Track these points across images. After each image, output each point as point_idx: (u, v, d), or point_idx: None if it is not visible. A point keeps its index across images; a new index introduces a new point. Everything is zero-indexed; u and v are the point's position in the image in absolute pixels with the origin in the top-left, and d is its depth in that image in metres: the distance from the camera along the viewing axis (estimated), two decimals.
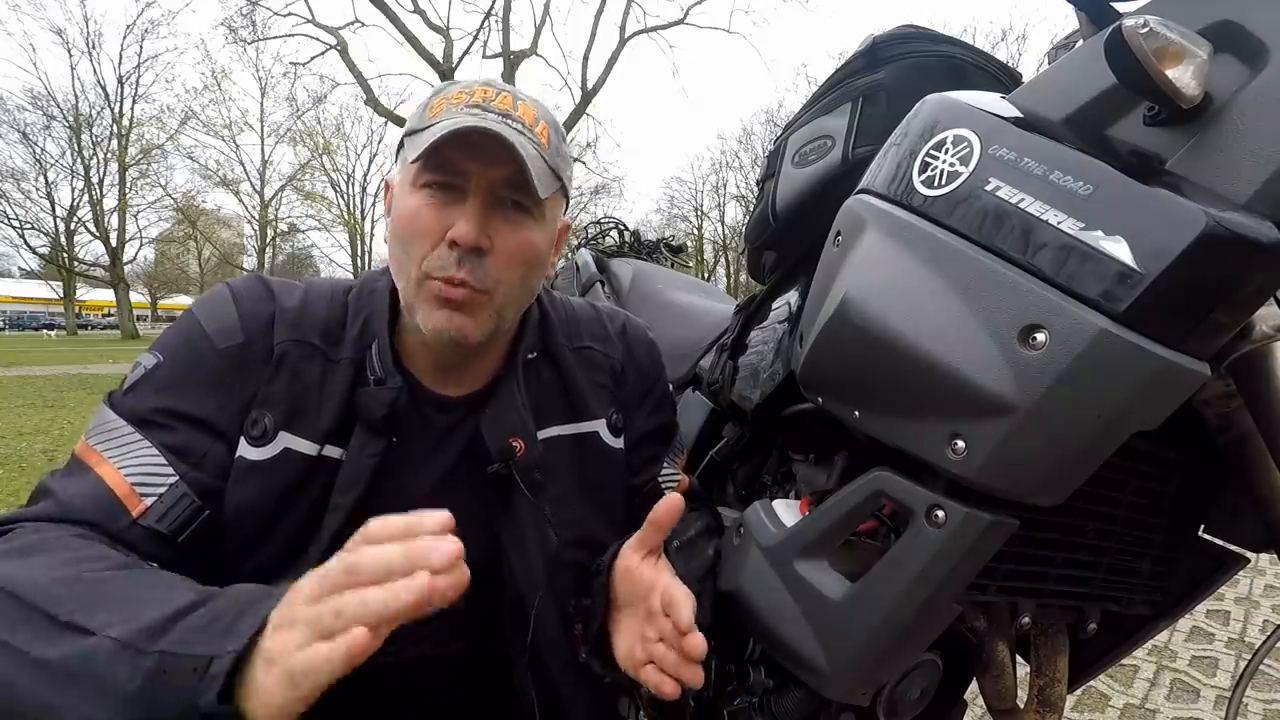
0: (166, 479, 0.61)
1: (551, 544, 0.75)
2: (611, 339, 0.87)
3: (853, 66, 0.87)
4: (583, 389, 0.82)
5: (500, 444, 0.72)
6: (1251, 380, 0.58)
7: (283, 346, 0.68)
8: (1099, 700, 1.87)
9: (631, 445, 0.86)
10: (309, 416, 0.67)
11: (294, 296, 0.72)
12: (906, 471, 0.60)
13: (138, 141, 27.90)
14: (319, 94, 24.90)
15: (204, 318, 0.68)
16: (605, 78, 18.13)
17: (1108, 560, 0.75)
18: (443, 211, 0.67)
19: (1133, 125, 0.54)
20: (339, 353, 0.70)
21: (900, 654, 0.65)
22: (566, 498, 0.78)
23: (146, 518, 0.60)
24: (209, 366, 0.66)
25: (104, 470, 0.61)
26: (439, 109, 0.68)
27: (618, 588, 0.71)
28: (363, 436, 0.68)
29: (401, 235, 0.68)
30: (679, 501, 0.65)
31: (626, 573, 0.69)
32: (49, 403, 7.08)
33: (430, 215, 0.67)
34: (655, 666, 0.63)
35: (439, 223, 0.66)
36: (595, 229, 1.81)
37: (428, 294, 0.67)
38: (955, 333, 0.53)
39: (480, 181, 0.66)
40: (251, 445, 0.65)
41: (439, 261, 0.66)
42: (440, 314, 0.67)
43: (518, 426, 0.74)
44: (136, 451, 0.62)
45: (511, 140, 0.64)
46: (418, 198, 0.67)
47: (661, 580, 0.65)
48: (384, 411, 0.68)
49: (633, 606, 0.69)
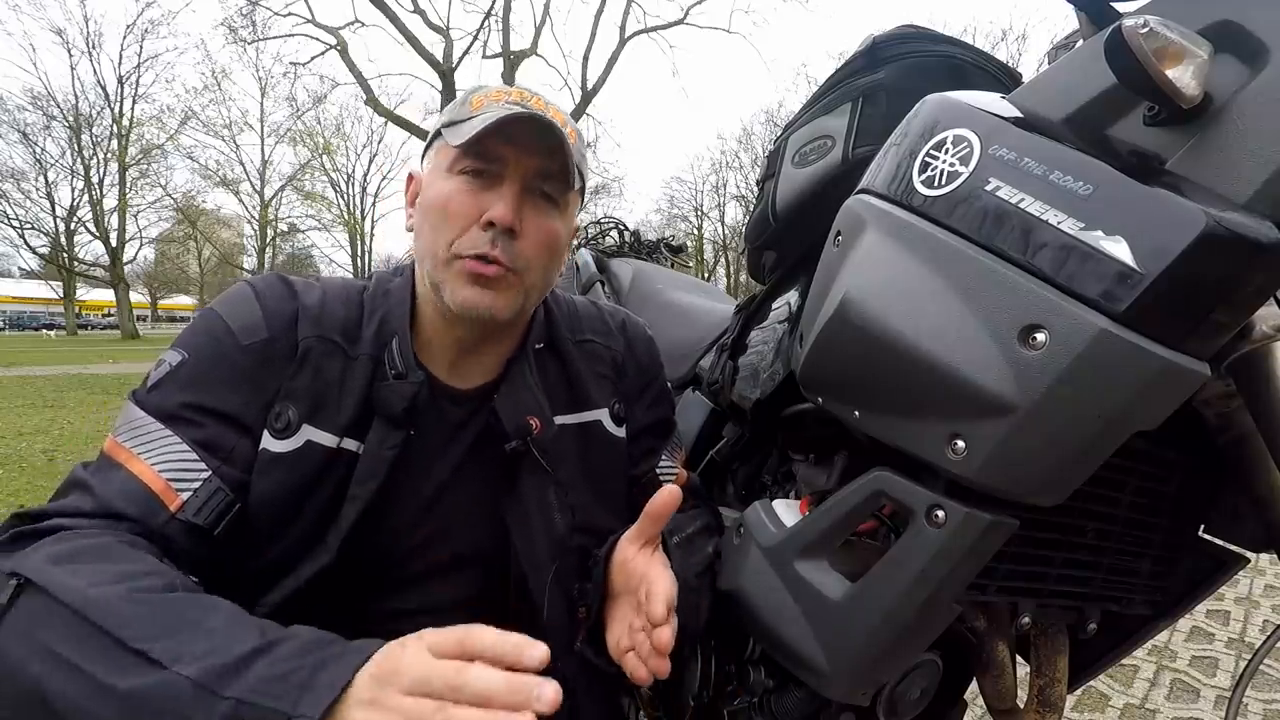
0: (200, 474, 0.63)
1: (557, 527, 0.76)
2: (613, 333, 0.90)
3: (853, 66, 0.87)
4: (586, 380, 0.84)
5: (517, 422, 0.74)
6: (1251, 380, 0.58)
7: (307, 342, 0.69)
8: (1099, 700, 1.87)
9: (633, 436, 0.88)
10: (329, 410, 0.69)
11: (314, 294, 0.74)
12: (906, 471, 0.60)
13: (138, 141, 27.92)
14: (319, 94, 24.89)
15: (228, 315, 0.69)
16: (605, 78, 18.13)
17: (1108, 560, 0.75)
18: (479, 196, 0.70)
19: (1133, 125, 0.54)
20: (357, 349, 0.72)
21: (900, 654, 0.65)
22: (572, 484, 0.79)
23: (184, 512, 0.61)
24: (234, 362, 0.67)
25: (137, 467, 0.62)
26: (480, 104, 0.72)
27: (614, 578, 0.72)
28: (381, 430, 0.70)
29: (434, 217, 0.71)
30: (676, 492, 0.67)
31: (622, 563, 0.71)
32: (49, 403, 7.08)
33: (466, 198, 0.70)
34: (635, 655, 0.65)
35: (475, 206, 0.70)
36: (595, 229, 1.81)
37: (458, 271, 0.70)
38: (955, 333, 0.53)
39: (517, 169, 0.71)
40: (275, 438, 0.67)
41: (471, 241, 0.70)
42: (471, 290, 0.70)
43: (533, 406, 0.76)
44: (168, 447, 0.63)
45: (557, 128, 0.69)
46: (454, 182, 0.71)
47: (652, 571, 0.67)
48: (405, 405, 0.69)
49: (626, 596, 0.70)
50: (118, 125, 27.43)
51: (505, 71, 16.98)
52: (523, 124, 0.69)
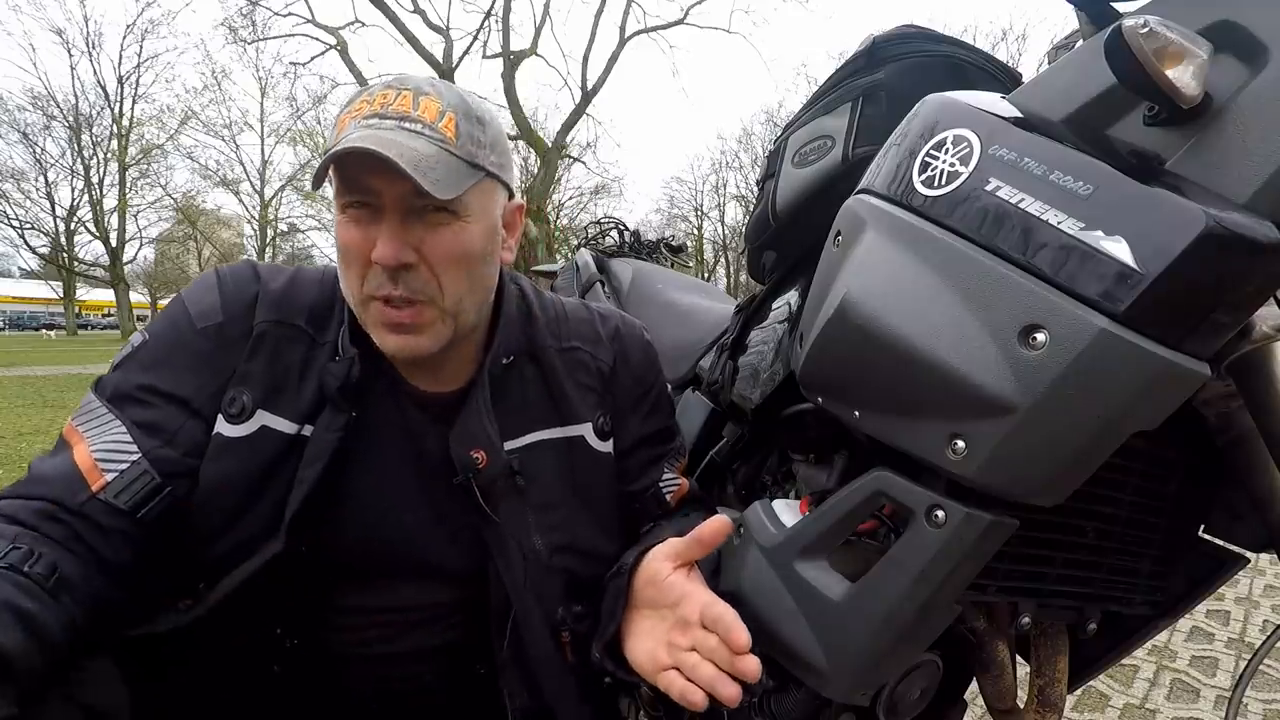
0: (129, 456, 0.63)
1: (534, 550, 0.74)
2: (602, 342, 0.86)
3: (853, 66, 0.87)
4: (568, 392, 0.81)
5: (462, 457, 0.72)
6: (1251, 380, 0.58)
7: (261, 326, 0.69)
8: (1099, 700, 1.87)
9: (627, 450, 0.86)
10: (288, 396, 0.69)
11: (280, 280, 0.73)
12: (906, 471, 0.60)
13: (138, 141, 27.94)
14: (319, 94, 24.90)
15: (189, 300, 0.71)
16: (605, 78, 18.14)
17: (1108, 560, 0.75)
18: (366, 231, 0.66)
19: (1133, 125, 0.54)
20: (325, 336, 0.72)
21: (900, 654, 0.65)
22: (554, 503, 0.77)
23: (105, 492, 0.62)
24: (189, 346, 0.68)
25: (78, 448, 0.64)
26: (344, 124, 0.66)
27: (641, 592, 0.70)
28: (329, 414, 0.69)
29: (340, 261, 0.69)
30: (727, 524, 0.65)
31: (653, 578, 0.68)
32: (49, 403, 7.08)
33: (356, 238, 0.66)
34: (680, 674, 0.62)
35: (365, 244, 0.66)
36: (595, 229, 1.81)
37: (375, 317, 0.68)
38: (955, 333, 0.53)
39: (390, 197, 0.65)
40: (229, 423, 0.67)
41: (375, 282, 0.66)
42: (392, 338, 0.68)
43: (480, 438, 0.73)
44: (106, 429, 0.64)
45: (394, 155, 0.60)
46: (343, 221, 0.67)
47: (700, 594, 0.65)
48: (338, 384, 0.68)
49: (655, 611, 0.68)
50: (118, 125, 27.44)
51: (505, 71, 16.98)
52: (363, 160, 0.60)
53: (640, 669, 0.67)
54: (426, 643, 0.75)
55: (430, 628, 0.76)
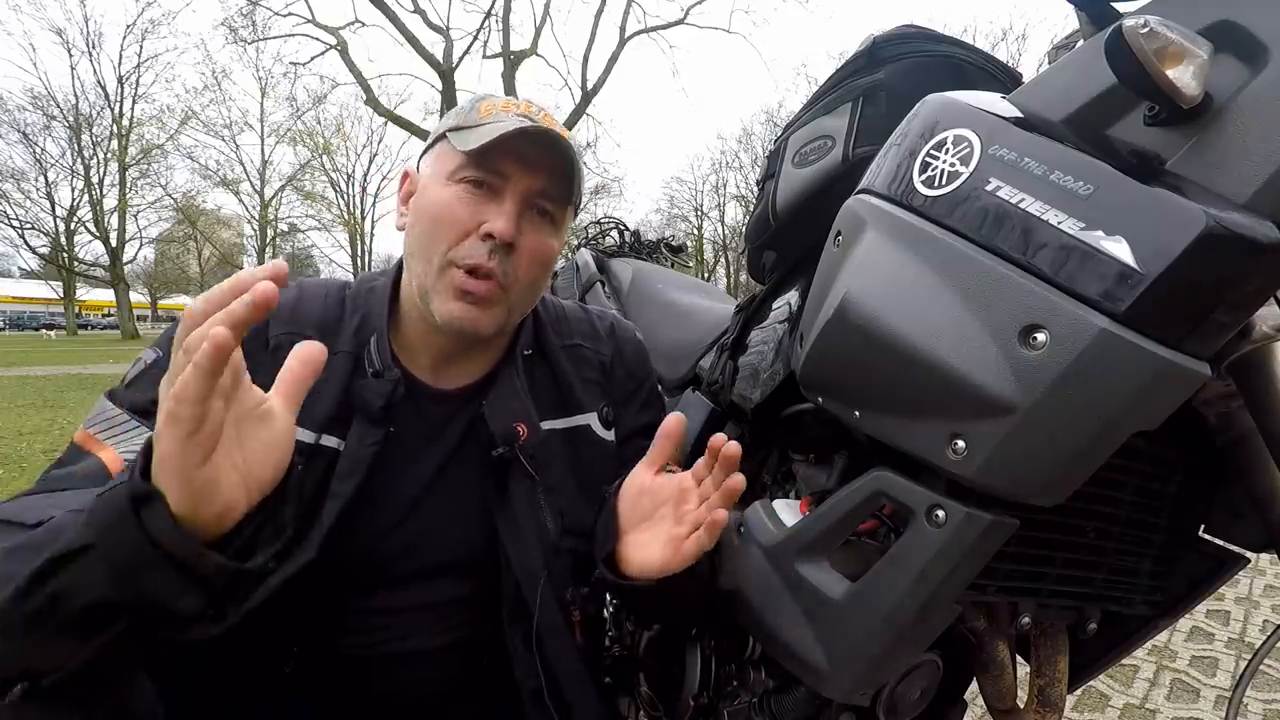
0: None
1: (549, 532, 0.76)
2: (601, 337, 0.90)
3: (853, 66, 0.87)
4: (574, 384, 0.84)
5: (505, 428, 0.75)
6: (1251, 380, 0.58)
7: (277, 339, 0.70)
8: (1099, 700, 1.87)
9: (623, 440, 0.88)
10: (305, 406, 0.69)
11: (289, 294, 0.74)
12: (906, 471, 0.60)
13: (138, 141, 27.94)
14: (319, 94, 24.96)
15: None
16: (605, 78, 18.14)
17: (1108, 560, 0.75)
18: (478, 206, 0.71)
19: (1133, 125, 0.54)
20: (336, 346, 0.72)
21: (900, 654, 0.65)
22: (562, 488, 0.79)
23: None
24: None
25: (106, 454, 0.63)
26: (489, 111, 0.72)
27: (633, 509, 0.71)
28: (361, 427, 0.70)
29: (430, 223, 0.71)
30: (681, 419, 0.69)
31: (640, 490, 0.70)
32: (49, 403, 7.08)
33: (466, 208, 0.71)
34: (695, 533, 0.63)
35: (474, 217, 0.71)
36: (595, 229, 1.81)
37: (449, 282, 0.71)
38: (955, 333, 0.53)
39: (519, 186, 0.72)
40: None
41: (468, 251, 0.70)
42: (457, 305, 0.70)
43: (520, 412, 0.77)
44: (136, 438, 0.64)
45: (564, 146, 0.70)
46: (454, 190, 0.71)
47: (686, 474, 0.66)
48: (381, 403, 0.70)
49: (649, 522, 0.70)
50: (118, 125, 27.47)
51: (505, 71, 16.99)
52: (532, 138, 0.69)
53: (648, 573, 0.67)
54: (436, 641, 0.76)
55: (440, 625, 0.77)
